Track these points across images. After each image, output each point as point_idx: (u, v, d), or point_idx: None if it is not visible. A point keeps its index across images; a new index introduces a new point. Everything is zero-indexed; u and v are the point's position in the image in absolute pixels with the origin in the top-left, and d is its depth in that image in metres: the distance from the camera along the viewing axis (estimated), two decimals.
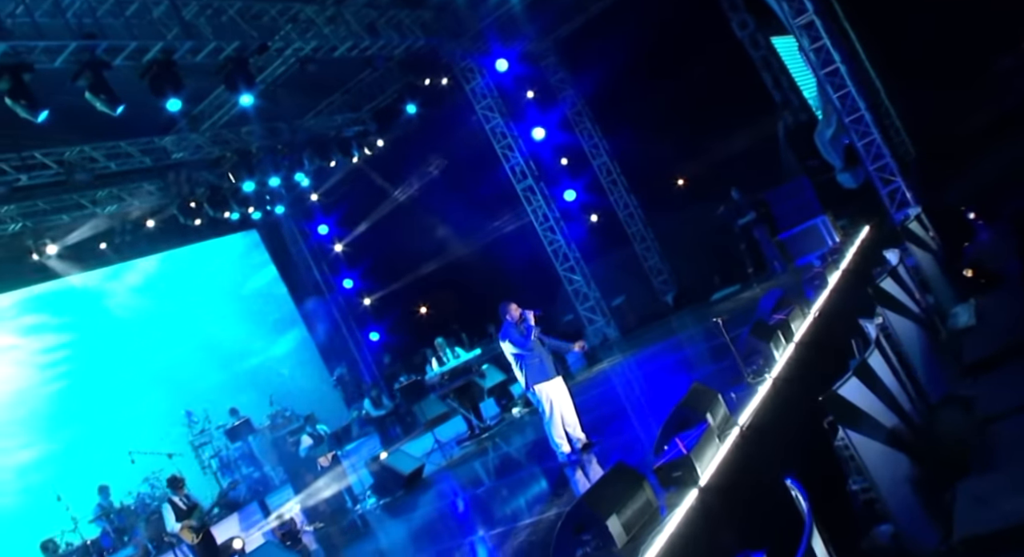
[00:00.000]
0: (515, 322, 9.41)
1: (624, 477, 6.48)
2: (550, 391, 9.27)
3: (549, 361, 9.36)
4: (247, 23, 13.52)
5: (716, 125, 18.35)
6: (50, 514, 13.00)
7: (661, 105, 18.91)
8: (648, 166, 20.45)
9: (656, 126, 19.23)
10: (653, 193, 21.06)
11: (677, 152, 19.56)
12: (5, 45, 10.04)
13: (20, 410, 15.14)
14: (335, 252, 21.88)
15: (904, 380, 8.07)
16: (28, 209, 14.34)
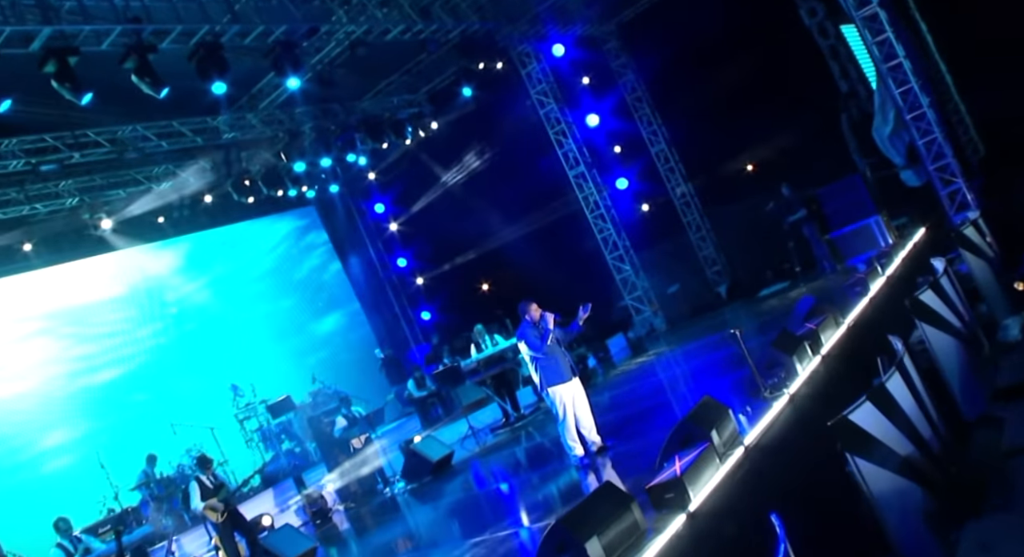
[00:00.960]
0: (533, 322, 9.21)
1: (611, 497, 6.27)
2: (564, 394, 9.08)
3: (565, 363, 9.15)
4: (296, 6, 13.50)
5: (779, 115, 17.66)
6: (94, 481, 13.43)
7: (723, 92, 18.29)
8: (707, 155, 19.87)
9: (717, 114, 18.63)
10: (711, 182, 20.50)
11: (737, 141, 18.95)
12: (51, 29, 10.16)
13: (71, 379, 15.62)
14: (390, 231, 21.94)
15: (927, 403, 7.62)
16: (85, 184, 14.68)
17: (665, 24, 19.27)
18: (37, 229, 14.79)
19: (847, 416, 6.74)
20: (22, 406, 14.89)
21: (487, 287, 20.65)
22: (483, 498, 10.86)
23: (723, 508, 6.30)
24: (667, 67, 19.36)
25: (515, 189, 19.20)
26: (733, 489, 6.58)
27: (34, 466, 14.26)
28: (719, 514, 6.22)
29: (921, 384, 7.80)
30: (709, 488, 6.43)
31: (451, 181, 20.34)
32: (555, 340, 9.17)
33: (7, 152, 12.60)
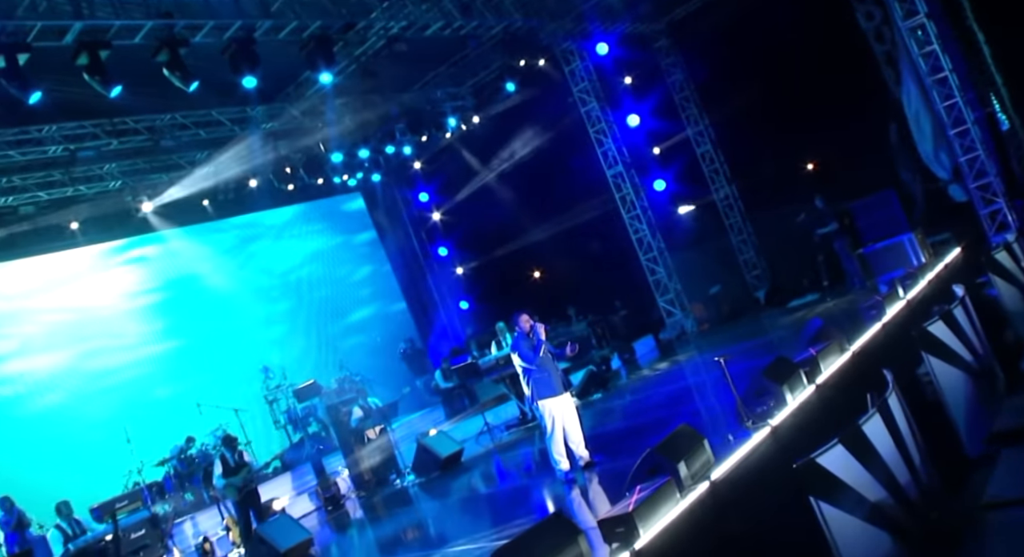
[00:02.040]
0: (526, 334, 9.09)
1: (557, 529, 6.13)
2: (554, 408, 8.95)
3: (557, 377, 9.02)
4: (333, 2, 13.49)
5: (830, 121, 17.09)
6: (120, 455, 13.85)
7: (774, 95, 17.79)
8: (753, 158, 19.36)
9: (766, 117, 18.11)
10: (755, 186, 19.98)
11: (785, 146, 18.37)
12: (81, 23, 10.34)
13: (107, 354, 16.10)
14: (433, 220, 21.97)
15: (911, 446, 7.28)
16: (128, 168, 15.03)
17: (718, 23, 18.75)
18: (84, 209, 15.23)
19: (815, 459, 6.47)
20: (60, 375, 15.45)
21: (523, 280, 20.53)
22: (472, 503, 10.86)
23: (674, 548, 6.11)
24: (718, 67, 18.92)
25: (553, 185, 19.06)
26: (690, 528, 6.38)
27: (64, 436, 14.74)
28: (668, 554, 6.04)
29: (907, 425, 7.45)
30: (662, 525, 6.23)
31: (492, 174, 20.23)
32: (547, 352, 9.01)
33: (47, 138, 12.98)
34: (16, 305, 15.59)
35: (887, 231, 13.96)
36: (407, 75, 18.98)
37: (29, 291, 15.79)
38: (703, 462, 7.25)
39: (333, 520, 12.96)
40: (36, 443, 14.47)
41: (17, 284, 15.73)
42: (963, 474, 8.12)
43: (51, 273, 16.16)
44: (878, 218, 14.13)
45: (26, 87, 10.12)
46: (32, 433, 14.63)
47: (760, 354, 11.80)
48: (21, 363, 15.18)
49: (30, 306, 15.70)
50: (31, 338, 15.50)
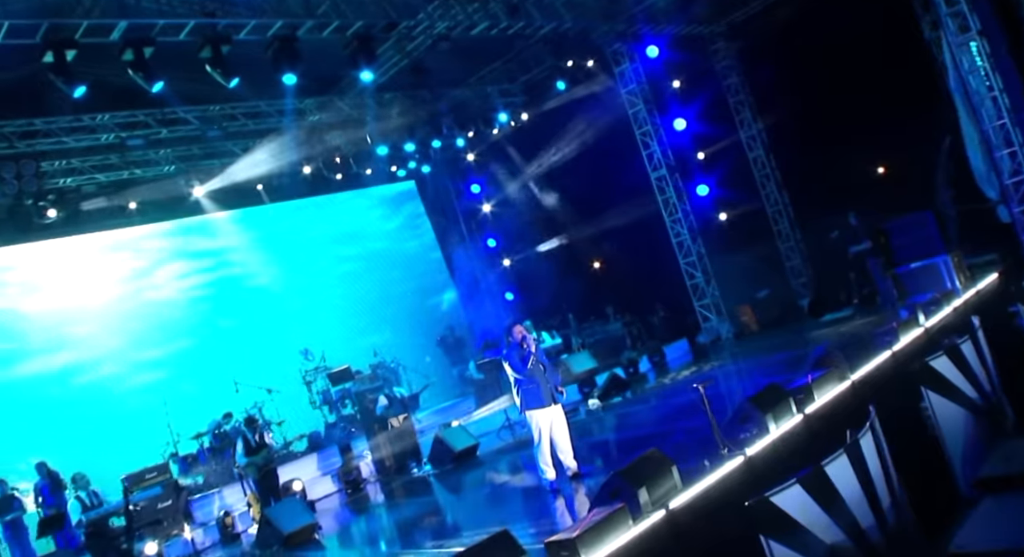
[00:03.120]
0: (518, 344, 9.12)
1: (502, 546, 6.20)
2: (541, 419, 8.98)
3: (546, 388, 9.01)
4: (378, 2, 13.63)
5: (888, 131, 16.57)
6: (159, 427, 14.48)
7: (831, 103, 17.28)
8: (806, 165, 18.90)
9: (822, 125, 17.64)
10: (806, 193, 19.51)
11: (841, 155, 17.87)
12: (127, 22, 10.72)
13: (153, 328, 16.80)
14: (483, 212, 22.10)
15: (881, 488, 7.11)
16: (183, 153, 15.55)
17: (778, 27, 18.28)
18: (140, 191, 15.86)
19: (768, 497, 6.39)
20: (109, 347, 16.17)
21: (565, 276, 20.48)
22: (466, 501, 11.04)
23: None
24: (775, 71, 18.42)
25: (598, 184, 18.92)
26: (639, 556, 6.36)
27: (109, 408, 15.44)
28: None
29: (880, 467, 7.27)
30: (608, 552, 6.22)
31: (539, 170, 20.22)
32: (538, 363, 9.02)
33: (100, 125, 13.53)
34: (75, 278, 16.35)
35: (922, 252, 13.48)
36: (460, 70, 19.08)
37: (88, 266, 16.54)
38: (668, 488, 7.16)
39: (352, 503, 13.26)
40: (83, 413, 15.16)
41: (77, 259, 16.50)
42: (952, 515, 7.90)
43: (108, 250, 16.88)
44: (914, 238, 13.65)
45: (71, 82, 10.57)
46: (80, 403, 15.33)
47: (779, 371, 11.59)
48: (75, 333, 15.94)
49: (88, 280, 16.45)
50: (86, 310, 16.25)
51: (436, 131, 17.77)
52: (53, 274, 16.18)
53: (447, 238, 22.17)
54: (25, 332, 15.68)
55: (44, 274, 16.11)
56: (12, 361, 15.34)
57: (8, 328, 15.50)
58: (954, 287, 13.12)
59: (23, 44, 10.25)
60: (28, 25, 9.98)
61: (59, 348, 15.74)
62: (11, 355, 15.38)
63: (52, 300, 16.05)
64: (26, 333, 15.68)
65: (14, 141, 12.80)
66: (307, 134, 16.00)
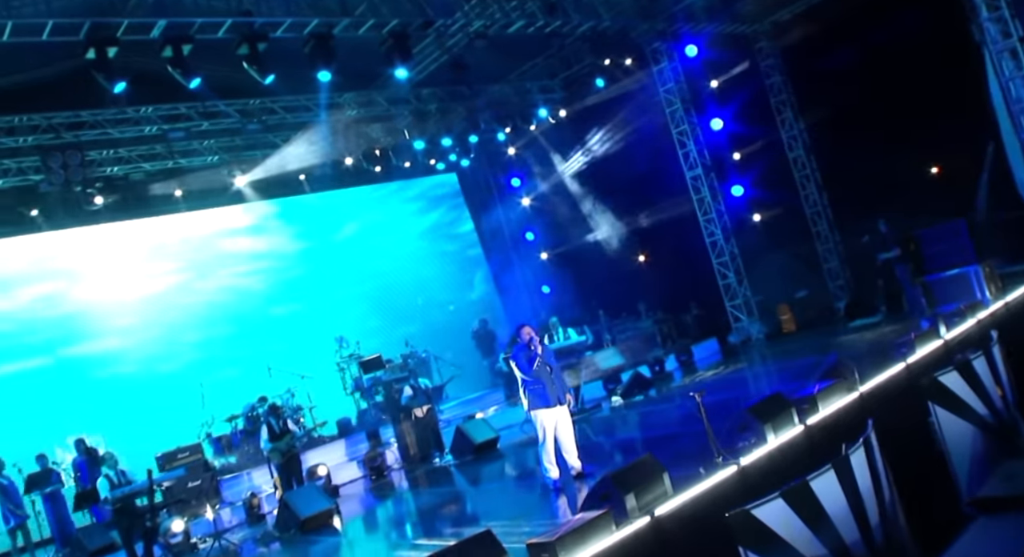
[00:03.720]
0: (526, 345, 9.22)
1: (485, 547, 6.34)
2: (546, 419, 9.08)
3: (552, 388, 9.10)
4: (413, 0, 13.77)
5: (934, 134, 16.22)
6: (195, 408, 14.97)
7: (876, 105, 16.98)
8: (847, 167, 18.58)
9: (865, 127, 17.33)
10: (847, 195, 19.17)
11: (884, 158, 17.51)
12: (164, 21, 11.05)
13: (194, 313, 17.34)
14: (522, 205, 22.18)
15: (871, 504, 7.05)
16: (226, 144, 15.95)
17: (824, 26, 18.00)
18: (185, 179, 16.35)
19: (750, 510, 6.39)
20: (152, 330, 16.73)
21: (601, 271, 20.51)
22: (479, 493, 11.22)
23: None
24: (819, 71, 18.12)
25: (634, 182, 18.87)
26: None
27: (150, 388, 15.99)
28: None
29: (870, 483, 7.19)
30: (587, 555, 6.31)
31: (577, 165, 20.23)
32: (544, 365, 9.12)
33: (144, 117, 13.97)
34: (121, 263, 16.93)
35: (954, 260, 13.20)
36: (501, 66, 19.14)
37: (134, 251, 17.10)
38: (658, 495, 7.22)
39: (375, 489, 13.57)
40: (125, 393, 15.73)
41: (126, 244, 17.07)
42: (952, 534, 7.80)
43: (157, 235, 17.43)
44: (945, 247, 13.36)
45: (112, 78, 10.92)
46: (122, 383, 15.91)
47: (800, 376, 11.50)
48: (119, 316, 16.52)
49: (133, 264, 17.02)
50: (130, 293, 16.82)
51: (474, 127, 17.89)
52: (101, 258, 16.81)
53: (485, 230, 22.33)
54: (73, 314, 16.32)
55: (93, 258, 16.74)
56: (59, 342, 16.00)
57: (57, 310, 16.14)
58: (984, 298, 12.83)
59: (68, 39, 10.65)
60: (71, 24, 10.35)
61: (103, 330, 16.36)
62: (58, 337, 16.04)
63: (99, 283, 16.68)
64: (73, 315, 16.32)
65: (61, 132, 13.32)
66: (346, 127, 16.28)
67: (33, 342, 15.78)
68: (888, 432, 8.05)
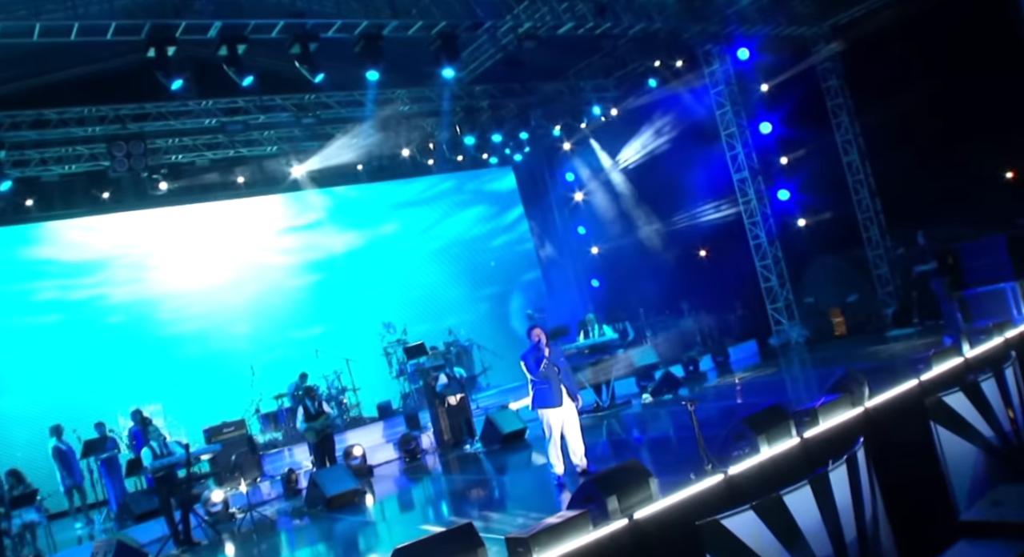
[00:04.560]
0: (535, 346, 9.49)
1: (463, 539, 6.66)
2: (552, 417, 9.34)
3: (557, 389, 9.34)
4: (463, 3, 14.07)
5: (995, 143, 15.83)
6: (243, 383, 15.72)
7: (935, 113, 16.60)
8: (902, 173, 18.20)
9: (925, 133, 16.96)
10: (901, 202, 18.78)
11: (941, 167, 17.13)
12: (220, 22, 11.61)
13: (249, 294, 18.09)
14: (575, 200, 22.35)
15: (845, 521, 7.11)
16: (285, 135, 16.58)
17: (885, 31, 17.61)
18: (247, 168, 17.09)
19: (720, 520, 6.54)
20: (210, 308, 17.56)
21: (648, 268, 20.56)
22: (492, 484, 11.56)
23: None
24: (878, 76, 17.81)
25: (682, 181, 18.86)
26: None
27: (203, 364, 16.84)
28: None
29: (850, 500, 7.25)
30: (560, 553, 6.56)
31: (628, 163, 20.28)
32: (551, 366, 9.36)
33: (204, 110, 14.67)
34: (188, 244, 17.79)
35: (991, 276, 12.92)
36: (557, 64, 19.30)
37: (199, 232, 17.93)
38: (642, 498, 7.43)
39: (407, 471, 14.04)
40: (180, 366, 16.61)
41: (191, 226, 17.90)
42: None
43: (219, 219, 18.24)
44: (984, 262, 13.07)
45: (171, 76, 11.54)
46: (177, 358, 16.78)
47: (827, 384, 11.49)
48: (181, 295, 17.42)
49: (198, 245, 17.87)
50: (193, 273, 17.67)
51: (525, 123, 18.13)
52: (167, 239, 17.66)
53: (538, 223, 22.59)
54: (142, 291, 17.25)
55: (160, 238, 17.61)
56: (128, 317, 16.93)
57: (127, 287, 17.09)
58: (1020, 315, 12.55)
59: (131, 39, 11.31)
60: (134, 25, 10.99)
61: (169, 308, 17.26)
62: (125, 312, 16.98)
63: (165, 264, 17.55)
64: (142, 292, 17.26)
65: (127, 122, 14.09)
66: (399, 122, 16.72)
67: (99, 316, 16.75)
68: (889, 449, 8.09)
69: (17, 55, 11.08)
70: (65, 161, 14.99)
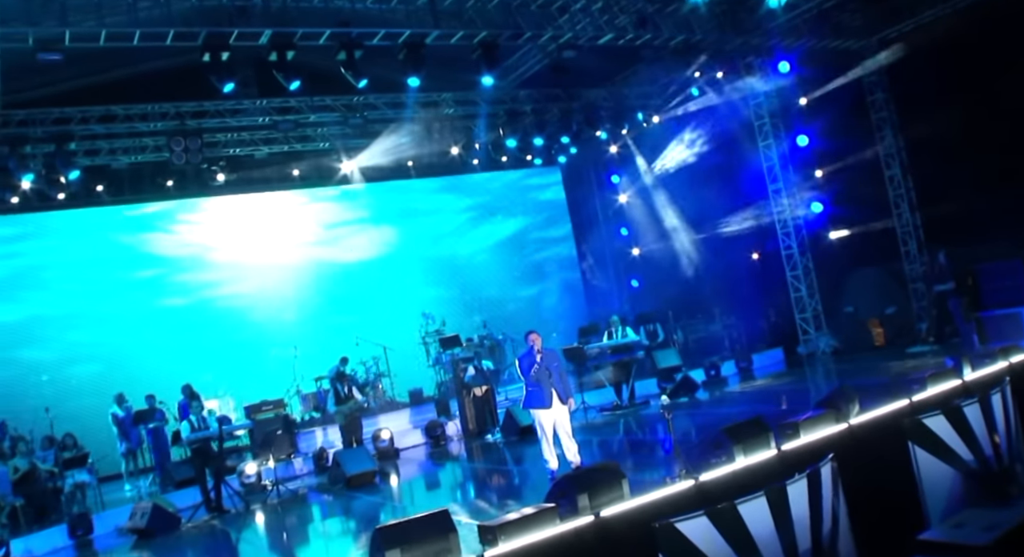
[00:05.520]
0: (530, 351, 9.91)
1: (439, 523, 7.16)
2: (543, 418, 9.77)
3: (548, 391, 9.71)
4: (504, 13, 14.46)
5: None
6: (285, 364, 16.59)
7: (984, 129, 16.39)
8: (944, 189, 17.97)
9: (971, 150, 16.74)
10: (941, 218, 18.53)
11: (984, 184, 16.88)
12: (271, 30, 12.30)
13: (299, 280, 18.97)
14: (619, 202, 22.62)
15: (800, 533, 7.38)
16: (336, 132, 17.30)
17: (935, 45, 17.44)
18: (301, 162, 17.97)
19: (674, 523, 6.91)
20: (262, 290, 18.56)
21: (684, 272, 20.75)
22: (500, 473, 12.06)
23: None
24: (925, 91, 17.62)
25: (720, 189, 18.98)
26: (548, 551, 7.11)
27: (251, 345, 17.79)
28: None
29: (808, 514, 7.48)
30: (523, 543, 7.01)
31: (669, 169, 20.43)
32: (543, 370, 9.75)
33: (257, 109, 15.48)
34: (243, 231, 18.75)
35: (1009, 299, 12.85)
36: (605, 70, 19.55)
37: (255, 221, 18.88)
38: (613, 498, 7.84)
39: (432, 455, 14.71)
40: (230, 346, 17.59)
41: (247, 214, 18.86)
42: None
43: (273, 208, 19.19)
44: (1002, 285, 13.01)
45: (223, 79, 12.28)
46: (228, 338, 17.75)
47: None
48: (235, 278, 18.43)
49: (254, 233, 18.82)
50: (249, 258, 18.65)
51: (566, 128, 18.51)
52: (226, 226, 18.67)
53: (581, 222, 22.97)
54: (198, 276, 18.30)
55: (219, 225, 18.64)
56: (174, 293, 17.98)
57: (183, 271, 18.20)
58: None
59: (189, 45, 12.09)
60: (190, 32, 11.76)
61: (220, 291, 18.27)
62: (190, 291, 18.06)
63: (223, 249, 18.56)
64: (207, 274, 18.33)
65: (186, 119, 15.02)
66: (442, 123, 17.30)
67: (160, 297, 17.83)
68: (868, 467, 8.33)
69: (85, 54, 11.91)
70: (132, 152, 16.02)
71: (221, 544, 10.69)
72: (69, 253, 17.14)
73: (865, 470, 8.48)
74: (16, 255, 16.83)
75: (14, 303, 16.51)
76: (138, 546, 10.90)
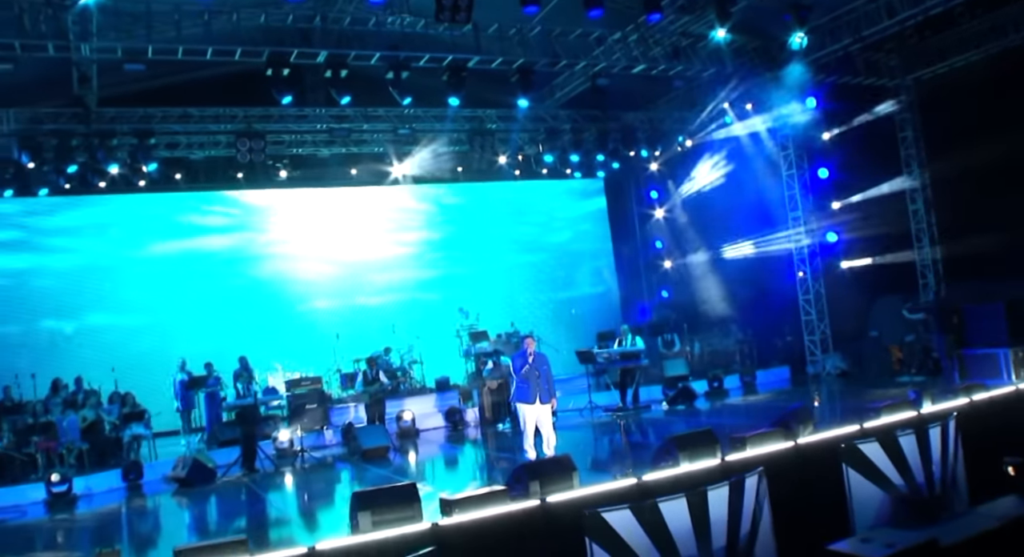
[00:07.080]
0: (523, 352, 10.95)
1: (407, 493, 8.23)
2: (527, 412, 10.77)
3: (534, 390, 10.72)
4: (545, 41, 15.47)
5: None
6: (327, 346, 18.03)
7: (1011, 173, 16.71)
8: (965, 227, 18.25)
9: (996, 189, 17.06)
10: (961, 255, 18.79)
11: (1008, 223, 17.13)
12: (327, 51, 13.63)
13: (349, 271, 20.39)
14: (655, 217, 23.40)
15: (716, 533, 8.21)
16: (391, 137, 18.64)
17: (967, 85, 17.79)
18: (358, 163, 19.41)
19: (601, 513, 7.89)
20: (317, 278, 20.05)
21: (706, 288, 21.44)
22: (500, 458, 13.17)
23: (469, 532, 7.91)
24: (955, 129, 17.95)
25: (745, 212, 19.66)
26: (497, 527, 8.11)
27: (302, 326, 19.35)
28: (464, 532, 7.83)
29: (727, 517, 8.31)
30: (473, 517, 8.03)
31: (701, 188, 21.14)
32: (533, 370, 10.74)
33: (316, 116, 16.93)
34: (304, 223, 20.29)
35: (989, 340, 13.30)
36: (645, 92, 20.34)
37: (315, 214, 20.39)
38: (562, 487, 8.82)
39: (449, 438, 15.90)
40: (288, 324, 19.19)
41: (309, 208, 20.39)
42: None
43: (332, 204, 20.65)
44: (984, 326, 13.44)
45: (282, 92, 13.68)
46: (286, 317, 19.33)
47: None
48: (298, 266, 20.04)
49: (313, 225, 20.32)
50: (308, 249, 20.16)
51: (602, 147, 19.41)
52: (288, 218, 20.27)
53: (619, 233, 23.87)
54: (264, 263, 19.92)
55: (282, 217, 20.25)
56: (244, 277, 19.58)
57: (249, 257, 19.81)
58: (1009, 379, 12.93)
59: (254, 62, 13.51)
60: (255, 50, 13.17)
61: (282, 278, 19.82)
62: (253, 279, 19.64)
63: (285, 238, 20.13)
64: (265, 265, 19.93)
65: (252, 122, 16.56)
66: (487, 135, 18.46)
67: (235, 275, 19.46)
68: (807, 484, 9.15)
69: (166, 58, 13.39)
70: (207, 146, 17.65)
71: (245, 497, 12.09)
72: (146, 234, 18.86)
73: (804, 485, 9.36)
74: (101, 232, 18.61)
75: (96, 273, 18.31)
76: (178, 493, 12.39)
